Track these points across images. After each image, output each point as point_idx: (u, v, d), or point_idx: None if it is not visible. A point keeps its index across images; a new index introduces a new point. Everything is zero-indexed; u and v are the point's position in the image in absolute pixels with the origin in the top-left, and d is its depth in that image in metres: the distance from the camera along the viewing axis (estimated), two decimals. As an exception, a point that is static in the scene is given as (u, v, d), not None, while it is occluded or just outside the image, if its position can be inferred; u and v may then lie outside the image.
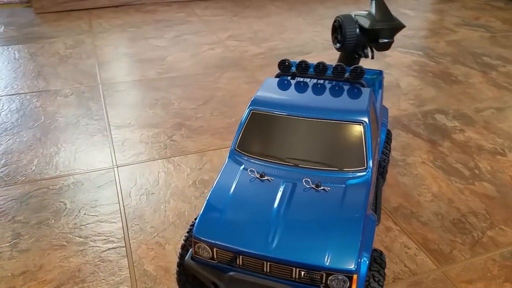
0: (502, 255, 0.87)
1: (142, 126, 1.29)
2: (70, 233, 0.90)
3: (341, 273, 0.56)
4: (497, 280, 0.81)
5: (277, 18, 2.25)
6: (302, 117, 0.72)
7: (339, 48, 1.14)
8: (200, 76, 1.61)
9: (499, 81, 1.60)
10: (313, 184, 0.66)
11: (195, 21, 2.18)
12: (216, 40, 1.95)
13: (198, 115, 1.35)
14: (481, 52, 1.86)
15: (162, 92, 1.48)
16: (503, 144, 1.23)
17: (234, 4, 2.47)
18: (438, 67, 1.73)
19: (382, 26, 1.08)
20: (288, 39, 1.96)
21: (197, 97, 1.46)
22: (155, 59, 1.74)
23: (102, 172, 1.09)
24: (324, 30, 2.08)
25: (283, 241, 0.58)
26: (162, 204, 0.99)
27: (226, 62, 1.73)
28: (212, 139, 1.23)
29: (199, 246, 0.62)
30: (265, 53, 1.82)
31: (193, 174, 1.08)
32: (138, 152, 1.17)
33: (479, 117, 1.37)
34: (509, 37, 2.05)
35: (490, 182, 1.07)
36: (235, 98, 1.45)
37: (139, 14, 2.24)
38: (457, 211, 0.98)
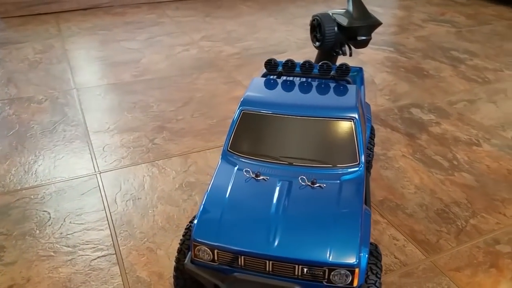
0: (486, 242, 0.90)
1: (122, 130, 1.26)
2: (57, 242, 0.87)
3: (344, 268, 0.57)
4: (482, 266, 0.84)
5: (249, 18, 2.25)
6: (293, 115, 0.73)
7: (318, 47, 1.15)
8: (177, 77, 1.59)
9: (468, 74, 1.67)
10: (308, 182, 0.66)
11: (167, 22, 2.15)
12: (190, 41, 1.93)
13: (178, 117, 1.34)
14: (449, 47, 1.93)
15: (139, 95, 1.46)
16: (478, 135, 1.27)
17: (205, 4, 2.45)
18: (409, 62, 1.77)
19: (360, 23, 1.10)
20: (262, 39, 1.97)
21: (176, 99, 1.44)
22: (129, 62, 1.70)
23: (84, 179, 1.06)
24: (296, 29, 2.10)
25: (284, 239, 0.59)
26: (149, 209, 0.97)
27: (202, 63, 1.72)
28: (195, 141, 1.22)
29: (199, 249, 0.61)
30: (240, 53, 1.82)
31: (179, 177, 1.07)
32: (120, 157, 1.15)
33: (452, 109, 1.42)
34: (473, 32, 2.13)
35: (469, 172, 1.11)
36: (214, 98, 1.44)
37: (108, 17, 2.19)
38: (440, 202, 1.01)
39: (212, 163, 1.12)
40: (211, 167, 1.11)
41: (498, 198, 1.02)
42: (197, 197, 1.00)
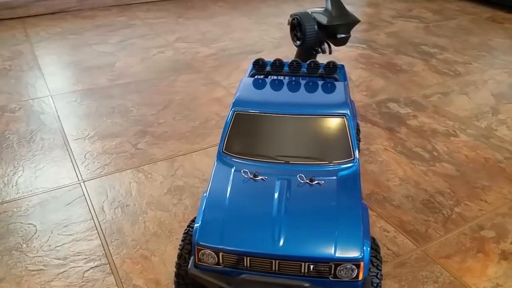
0: (471, 228, 0.93)
1: (102, 136, 1.23)
2: (46, 255, 0.84)
3: (349, 262, 0.58)
4: (470, 252, 0.88)
5: (222, 18, 2.24)
6: (286, 114, 0.73)
7: (299, 45, 1.16)
8: (155, 80, 1.57)
9: (440, 68, 1.72)
10: (307, 179, 0.67)
11: (139, 25, 2.11)
12: (165, 43, 1.91)
13: (160, 120, 1.32)
14: (419, 42, 1.99)
15: (117, 100, 1.43)
16: (454, 126, 1.32)
17: (176, 5, 2.43)
18: (382, 58, 1.81)
19: (340, 22, 1.12)
20: (237, 39, 1.97)
21: (155, 102, 1.42)
22: (103, 66, 1.66)
23: (68, 188, 1.03)
24: (270, 29, 2.10)
25: (289, 238, 0.59)
26: (139, 216, 0.95)
27: (179, 65, 1.70)
28: (179, 144, 1.20)
29: (203, 252, 0.61)
30: (217, 53, 1.81)
31: (167, 182, 1.06)
32: (103, 164, 1.12)
33: (428, 102, 1.46)
34: (440, 27, 2.20)
35: (449, 162, 1.15)
36: (195, 100, 1.43)
37: (78, 20, 2.13)
38: (425, 192, 1.04)
39: (200, 166, 1.11)
40: (199, 170, 1.10)
41: (478, 186, 1.06)
42: (187, 201, 0.99)
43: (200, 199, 0.99)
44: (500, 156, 1.17)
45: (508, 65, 1.75)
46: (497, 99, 1.48)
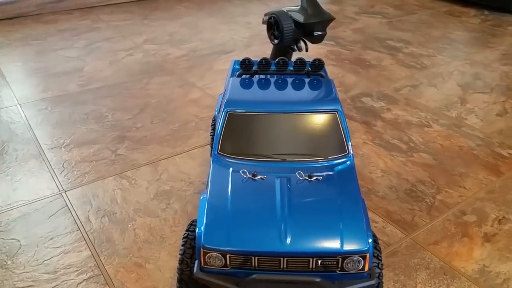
0: (454, 214, 0.97)
1: (79, 144, 1.19)
2: (34, 271, 0.80)
3: (356, 255, 0.59)
4: (456, 237, 0.91)
5: (189, 18, 2.22)
6: (279, 112, 0.74)
7: (277, 44, 1.17)
8: (127, 84, 1.53)
9: (407, 61, 1.78)
10: (305, 176, 0.68)
11: (103, 28, 2.05)
12: (133, 45, 1.87)
13: (137, 125, 1.29)
14: (384, 37, 2.04)
15: (90, 105, 1.38)
16: (426, 117, 1.37)
17: (140, 7, 2.38)
18: (351, 54, 1.85)
19: (316, 19, 1.14)
20: (207, 39, 1.95)
21: (130, 106, 1.39)
22: (71, 71, 1.61)
23: (49, 199, 0.99)
24: (239, 28, 2.10)
25: (296, 235, 0.60)
26: (128, 223, 0.93)
27: (150, 67, 1.67)
28: (161, 148, 1.18)
29: (210, 255, 0.60)
30: (188, 54, 1.79)
31: (152, 187, 1.04)
32: (83, 172, 1.08)
33: (399, 95, 1.51)
34: (403, 21, 2.27)
35: (426, 152, 1.19)
36: (172, 103, 1.41)
37: (39, 25, 2.05)
38: (407, 182, 1.07)
39: (184, 169, 1.10)
40: (184, 173, 1.08)
41: (456, 173, 1.11)
42: (176, 205, 0.98)
43: (189, 202, 0.99)
44: (472, 143, 1.23)
45: (469, 56, 1.83)
46: (463, 89, 1.55)
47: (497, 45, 1.96)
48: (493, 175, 1.10)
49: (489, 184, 1.07)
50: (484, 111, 1.40)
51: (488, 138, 1.25)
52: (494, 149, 1.20)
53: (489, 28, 2.17)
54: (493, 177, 1.09)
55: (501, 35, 2.08)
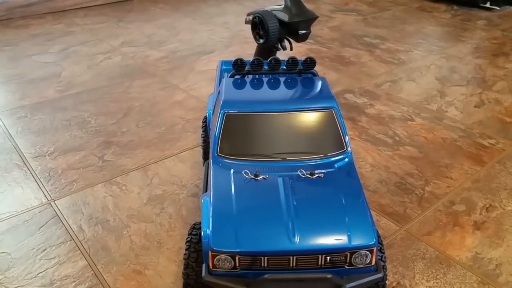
0: (444, 204, 1.00)
1: (63, 151, 1.16)
2: (29, 284, 0.78)
3: (364, 249, 0.60)
4: (448, 226, 0.94)
5: (165, 20, 2.19)
6: (277, 111, 0.74)
7: (263, 43, 1.17)
8: (108, 88, 1.50)
9: (385, 57, 1.81)
10: (307, 173, 0.68)
11: (78, 31, 2.00)
12: (110, 48, 1.83)
13: (123, 129, 1.27)
14: (361, 34, 2.08)
15: (71, 111, 1.35)
16: (408, 111, 1.40)
17: (114, 9, 2.33)
18: (330, 52, 1.87)
19: (300, 18, 1.15)
20: (185, 40, 1.93)
21: (113, 111, 1.36)
22: (48, 77, 1.56)
23: (38, 210, 0.96)
24: (217, 29, 2.09)
25: (304, 233, 0.60)
26: (123, 230, 0.91)
27: (130, 70, 1.64)
28: (149, 152, 1.16)
29: (218, 258, 0.60)
30: (168, 56, 1.77)
31: (144, 192, 1.02)
32: (70, 180, 1.06)
33: (380, 91, 1.53)
34: (377, 18, 2.31)
35: (411, 145, 1.22)
36: (156, 106, 1.39)
37: (10, 30, 1.98)
38: (396, 175, 1.10)
39: (175, 172, 1.08)
40: (175, 176, 1.07)
41: (442, 165, 1.14)
42: (171, 209, 0.97)
43: (183, 205, 0.98)
44: (455, 135, 1.27)
45: (444, 50, 1.88)
46: (441, 82, 1.59)
47: (468, 39, 2.02)
48: (477, 165, 1.13)
49: (474, 173, 1.10)
50: (463, 103, 1.44)
51: (469, 129, 1.29)
52: (476, 139, 1.24)
53: (460, 22, 2.24)
54: (477, 166, 1.13)
55: (471, 29, 2.15)
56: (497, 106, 1.41)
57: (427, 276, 0.81)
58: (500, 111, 1.39)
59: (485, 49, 1.90)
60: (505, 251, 0.87)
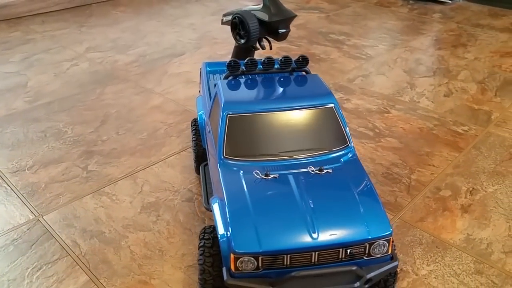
0: (431, 190, 1.05)
1: (43, 164, 1.11)
2: (31, 306, 0.74)
3: (382, 239, 0.61)
4: (438, 212, 0.98)
5: (129, 23, 2.14)
6: (279, 110, 0.74)
7: (244, 43, 1.17)
8: (80, 96, 1.45)
9: (353, 53, 1.86)
10: (316, 170, 0.69)
11: (38, 39, 1.91)
12: (75, 55, 1.76)
13: (103, 137, 1.22)
14: (326, 31, 2.12)
15: (45, 122, 1.29)
16: (383, 103, 1.45)
17: (73, 15, 2.24)
18: (300, 50, 1.90)
19: (280, 17, 1.16)
20: (153, 43, 1.89)
21: (89, 119, 1.31)
22: (14, 88, 1.48)
23: (25, 227, 0.91)
24: (184, 30, 2.07)
25: (324, 228, 0.61)
26: (120, 241, 0.88)
27: (101, 76, 1.59)
28: (135, 159, 1.13)
29: (241, 260, 0.59)
30: (138, 60, 1.73)
31: (136, 200, 0.99)
32: (56, 194, 1.01)
33: (354, 86, 1.58)
34: (339, 15, 2.37)
35: (391, 137, 1.26)
36: (133, 111, 1.36)
37: (-38, 40, 1.86)
38: (382, 166, 1.13)
39: (165, 178, 1.06)
40: (166, 182, 1.05)
41: (423, 153, 1.19)
42: (167, 216, 0.95)
43: (179, 211, 0.95)
44: (430, 124, 1.32)
45: (407, 43, 1.96)
46: (409, 74, 1.65)
47: (428, 31, 2.11)
48: (455, 151, 1.19)
49: (454, 159, 1.16)
50: (432, 94, 1.51)
51: (442, 118, 1.35)
52: (450, 127, 1.31)
53: (418, 16, 2.33)
54: (455, 153, 1.18)
55: (429, 22, 2.25)
56: (464, 95, 1.49)
57: (427, 261, 0.85)
58: (468, 99, 1.46)
59: (444, 40, 1.99)
60: (493, 230, 0.92)
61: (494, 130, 1.28)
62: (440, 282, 0.80)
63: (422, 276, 0.81)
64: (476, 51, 1.84)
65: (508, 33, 2.05)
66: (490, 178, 1.08)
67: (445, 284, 0.80)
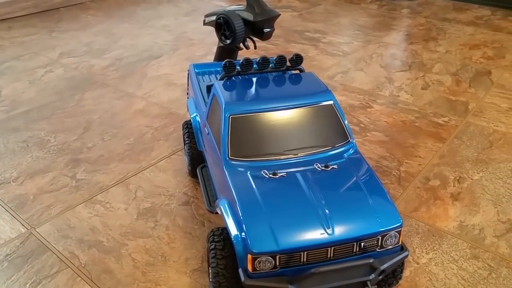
0: (421, 181, 1.08)
1: (29, 175, 1.07)
2: (36, 322, 0.71)
3: (393, 230, 0.63)
4: (430, 201, 1.01)
5: (101, 26, 2.08)
6: (280, 109, 0.75)
7: (230, 44, 1.17)
8: (58, 103, 1.40)
9: (329, 50, 1.89)
10: (322, 166, 0.70)
11: (7, 45, 1.84)
12: (48, 61, 1.70)
13: (88, 145, 1.19)
14: (301, 29, 2.14)
15: (25, 132, 1.24)
16: (365, 98, 1.48)
17: (41, 19, 2.17)
18: (278, 48, 1.91)
19: (264, 17, 1.17)
20: (128, 46, 1.86)
21: (71, 127, 1.27)
22: (-14, 97, 1.42)
23: (18, 241, 0.88)
24: (159, 32, 2.04)
25: (338, 223, 0.62)
26: (120, 249, 0.86)
27: (78, 82, 1.54)
28: (124, 165, 1.11)
29: (259, 260, 0.59)
30: (115, 64, 1.69)
31: (132, 207, 0.97)
32: (46, 204, 0.98)
33: (335, 82, 1.60)
34: (312, 13, 2.40)
35: (376, 131, 1.29)
36: (116, 116, 1.33)
37: None
38: (371, 160, 1.16)
39: (158, 182, 1.05)
40: (160, 186, 1.03)
41: (408, 145, 1.22)
42: (165, 221, 0.93)
43: (177, 215, 0.94)
44: (411, 116, 1.36)
45: (380, 39, 2.01)
46: (386, 69, 1.69)
47: (399, 27, 2.17)
48: (439, 141, 1.23)
49: (438, 150, 1.20)
50: (410, 87, 1.55)
51: (422, 110, 1.40)
52: (431, 119, 1.35)
53: (387, 12, 2.39)
54: (439, 143, 1.22)
55: (399, 17, 2.31)
56: (440, 87, 1.54)
57: (425, 249, 0.88)
58: (445, 91, 1.52)
59: (415, 35, 2.05)
60: (483, 216, 0.96)
61: (473, 120, 1.33)
62: (441, 269, 0.83)
63: (423, 265, 0.84)
64: (447, 44, 1.91)
65: (474, 26, 2.13)
66: (474, 166, 1.12)
67: (445, 271, 0.82)
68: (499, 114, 1.35)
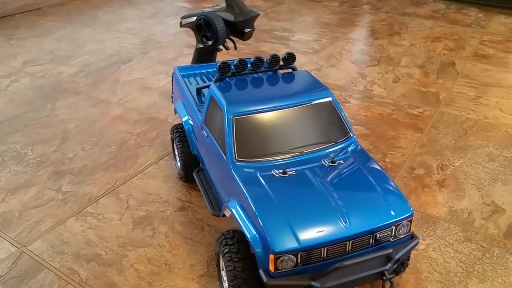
0: (407, 170, 1.12)
1: (11, 191, 1.01)
2: None
3: (405, 219, 0.65)
4: (418, 190, 1.05)
5: (63, 32, 2.00)
6: (282, 108, 0.75)
7: (212, 45, 1.16)
8: (30, 113, 1.34)
9: (300, 48, 1.91)
10: (329, 162, 0.71)
11: (-38, 55, 1.73)
12: (12, 70, 1.62)
13: (68, 155, 1.14)
14: (269, 28, 2.15)
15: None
16: (341, 94, 1.51)
17: (-5, 26, 2.06)
18: (250, 48, 1.91)
19: (244, 17, 1.17)
20: (95, 51, 1.80)
21: (48, 137, 1.22)
22: (-52, 111, 1.33)
23: (9, 261, 0.83)
24: (124, 36, 1.98)
25: (353, 217, 0.63)
26: (121, 260, 0.84)
27: (47, 91, 1.47)
28: (111, 174, 1.08)
29: (282, 259, 0.60)
30: (84, 70, 1.63)
31: (126, 217, 0.95)
32: (34, 221, 0.93)
33: (309, 79, 1.62)
34: (277, 12, 2.42)
35: (357, 125, 1.32)
36: (94, 124, 1.28)
37: None
38: (356, 154, 1.19)
39: (149, 190, 1.02)
40: (152, 193, 1.01)
41: (389, 137, 1.26)
42: (163, 228, 0.91)
43: (175, 221, 0.92)
44: (388, 109, 1.41)
45: (346, 36, 2.05)
46: (357, 65, 1.74)
47: (362, 23, 2.23)
48: (417, 132, 1.28)
49: (418, 140, 1.24)
50: (382, 81, 1.60)
51: (397, 102, 1.45)
52: (406, 110, 1.40)
53: (349, 9, 2.46)
54: (417, 133, 1.27)
55: (361, 14, 2.38)
56: (410, 79, 1.60)
57: (421, 236, 0.91)
58: (415, 83, 1.58)
59: (379, 30, 2.12)
60: (469, 200, 1.01)
61: (446, 109, 1.39)
62: (439, 253, 0.86)
63: (422, 251, 0.87)
64: (410, 38, 1.99)
65: (432, 20, 2.23)
66: (454, 153, 1.18)
67: (443, 255, 0.86)
68: (469, 102, 1.43)
